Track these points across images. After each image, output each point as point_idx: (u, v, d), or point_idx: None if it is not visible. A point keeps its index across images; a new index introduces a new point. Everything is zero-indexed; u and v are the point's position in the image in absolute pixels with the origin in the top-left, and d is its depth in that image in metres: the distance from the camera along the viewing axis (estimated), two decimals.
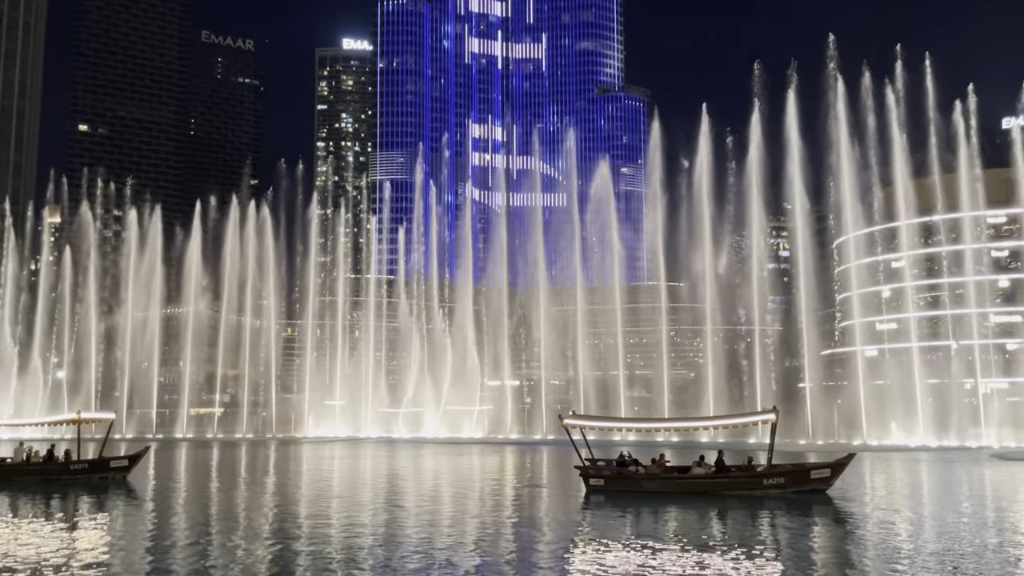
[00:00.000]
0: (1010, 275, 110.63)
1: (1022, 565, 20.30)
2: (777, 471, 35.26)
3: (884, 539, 24.37)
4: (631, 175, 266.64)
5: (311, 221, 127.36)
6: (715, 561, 20.71)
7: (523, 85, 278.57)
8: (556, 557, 21.90)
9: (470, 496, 37.05)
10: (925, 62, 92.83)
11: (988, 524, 27.40)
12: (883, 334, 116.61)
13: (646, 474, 36.49)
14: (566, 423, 37.64)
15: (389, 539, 24.57)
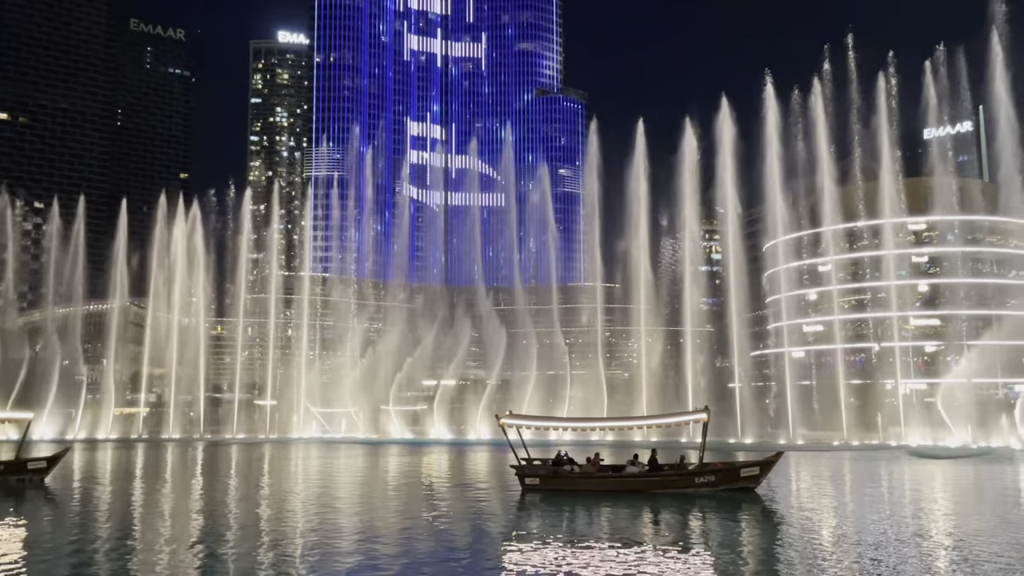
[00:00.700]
0: (929, 280, 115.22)
1: (936, 557, 21.12)
2: (708, 470, 35.94)
3: (809, 534, 25.05)
4: (569, 177, 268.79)
5: (243, 217, 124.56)
6: (647, 558, 20.97)
7: (462, 84, 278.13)
8: (490, 556, 21.86)
9: (404, 496, 36.74)
10: (851, 70, 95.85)
11: (906, 518, 28.44)
12: (809, 336, 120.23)
13: (581, 473, 36.76)
14: (502, 422, 37.65)
15: (318, 541, 24.14)
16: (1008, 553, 21.40)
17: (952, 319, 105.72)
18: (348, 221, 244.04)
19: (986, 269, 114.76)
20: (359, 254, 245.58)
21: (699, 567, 20.24)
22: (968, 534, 25.00)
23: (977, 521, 28.02)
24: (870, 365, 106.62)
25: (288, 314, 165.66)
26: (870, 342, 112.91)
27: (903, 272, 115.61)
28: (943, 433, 76.73)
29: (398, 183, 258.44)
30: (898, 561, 20.47)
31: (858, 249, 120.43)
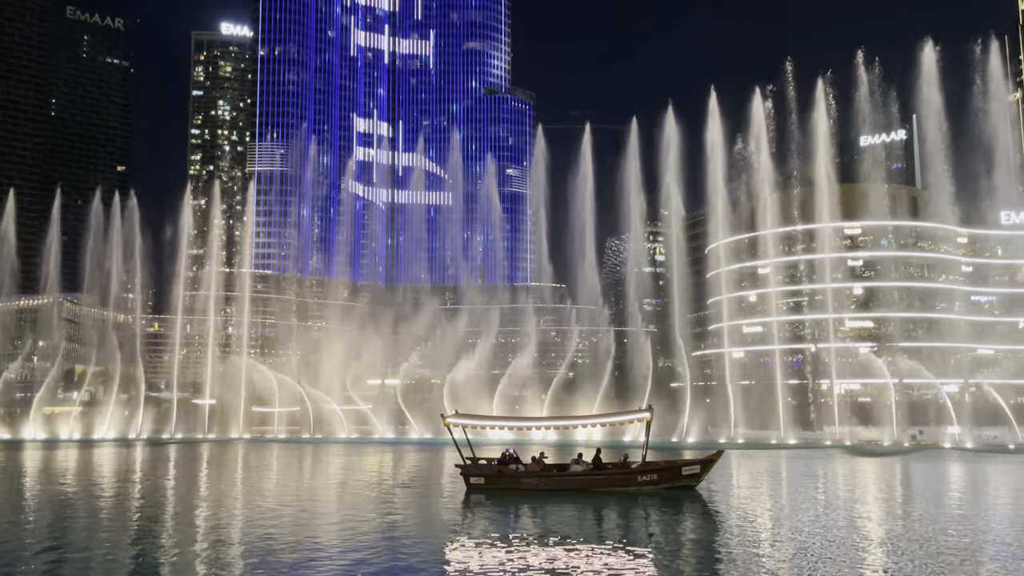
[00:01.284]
0: (863, 283, 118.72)
1: (866, 549, 21.87)
2: (651, 468, 36.45)
3: (747, 530, 25.66)
4: (516, 177, 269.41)
5: (183, 212, 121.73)
6: (591, 556, 21.22)
7: (409, 81, 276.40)
8: (434, 556, 21.86)
9: (346, 496, 36.43)
10: (788, 80, 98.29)
11: (839, 512, 29.34)
12: (749, 336, 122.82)
13: (526, 472, 36.93)
14: (448, 421, 37.60)
15: (257, 543, 23.81)
16: (930, 545, 22.26)
17: (884, 321, 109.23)
18: (292, 218, 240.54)
19: (917, 273, 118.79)
20: (303, 251, 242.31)
21: (641, 564, 20.56)
22: (895, 527, 25.91)
23: (904, 514, 29.05)
24: (807, 365, 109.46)
25: (229, 312, 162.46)
26: (807, 343, 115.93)
27: (838, 275, 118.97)
28: (875, 431, 79.26)
29: (343, 180, 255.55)
30: (829, 554, 21.14)
31: (796, 252, 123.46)
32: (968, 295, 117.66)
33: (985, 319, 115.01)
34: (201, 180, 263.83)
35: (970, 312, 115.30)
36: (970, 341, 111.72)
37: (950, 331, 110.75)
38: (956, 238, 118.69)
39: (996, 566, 19.98)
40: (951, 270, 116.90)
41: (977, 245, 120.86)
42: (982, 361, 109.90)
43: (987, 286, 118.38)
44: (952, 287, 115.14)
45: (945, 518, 28.25)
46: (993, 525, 27.30)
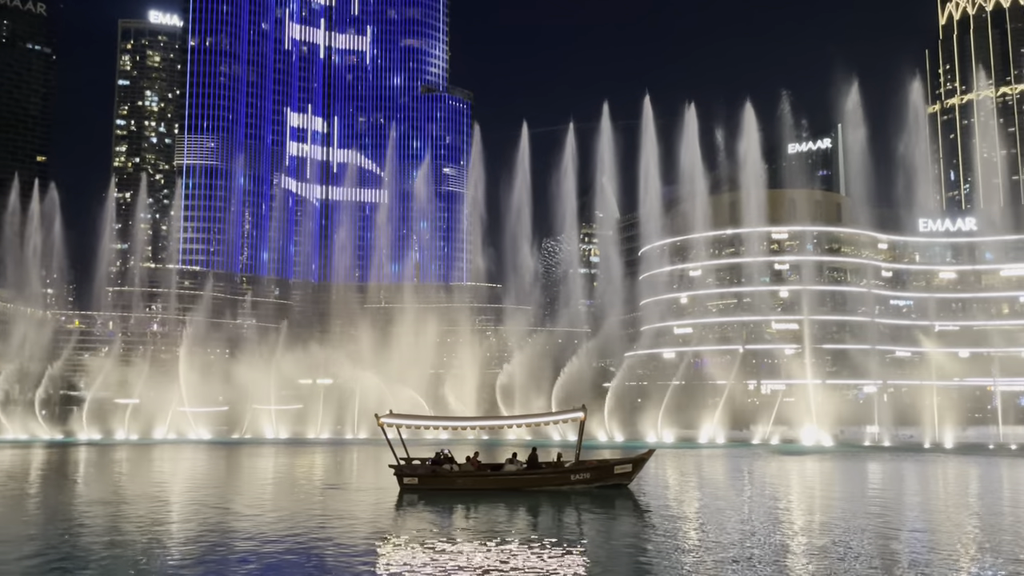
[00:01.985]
0: (789, 287, 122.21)
1: (790, 544, 22.58)
2: (583, 467, 36.86)
3: (676, 527, 26.19)
4: (454, 176, 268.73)
5: (107, 205, 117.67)
6: (523, 554, 21.35)
7: (346, 77, 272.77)
8: (365, 557, 21.67)
9: (275, 498, 35.79)
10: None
11: (763, 509, 30.21)
12: (680, 337, 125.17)
13: (460, 472, 36.90)
14: (381, 421, 37.30)
15: (184, 545, 23.22)
16: (848, 540, 23.12)
17: (809, 324, 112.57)
18: (221, 213, 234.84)
19: (840, 277, 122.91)
20: (233, 248, 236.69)
21: (573, 562, 20.79)
22: (816, 523, 26.82)
23: (825, 511, 30.09)
24: (735, 366, 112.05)
25: (154, 308, 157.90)
26: (735, 344, 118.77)
27: (766, 279, 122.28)
28: (800, 430, 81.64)
29: (276, 175, 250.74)
30: (755, 550, 21.74)
31: (727, 256, 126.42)
32: (887, 299, 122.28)
33: (903, 322, 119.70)
34: (126, 173, 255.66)
35: (889, 316, 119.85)
36: (889, 344, 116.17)
37: (870, 334, 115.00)
38: (877, 244, 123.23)
39: (912, 558, 20.86)
40: (872, 275, 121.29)
41: (896, 251, 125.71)
42: (900, 363, 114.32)
43: (905, 291, 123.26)
44: (872, 291, 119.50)
45: (863, 514, 29.35)
46: (907, 520, 28.48)
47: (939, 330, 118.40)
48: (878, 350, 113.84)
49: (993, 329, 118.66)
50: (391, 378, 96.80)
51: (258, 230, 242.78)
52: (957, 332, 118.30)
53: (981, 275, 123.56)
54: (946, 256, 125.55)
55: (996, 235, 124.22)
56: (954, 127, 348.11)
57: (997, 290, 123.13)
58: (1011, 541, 23.56)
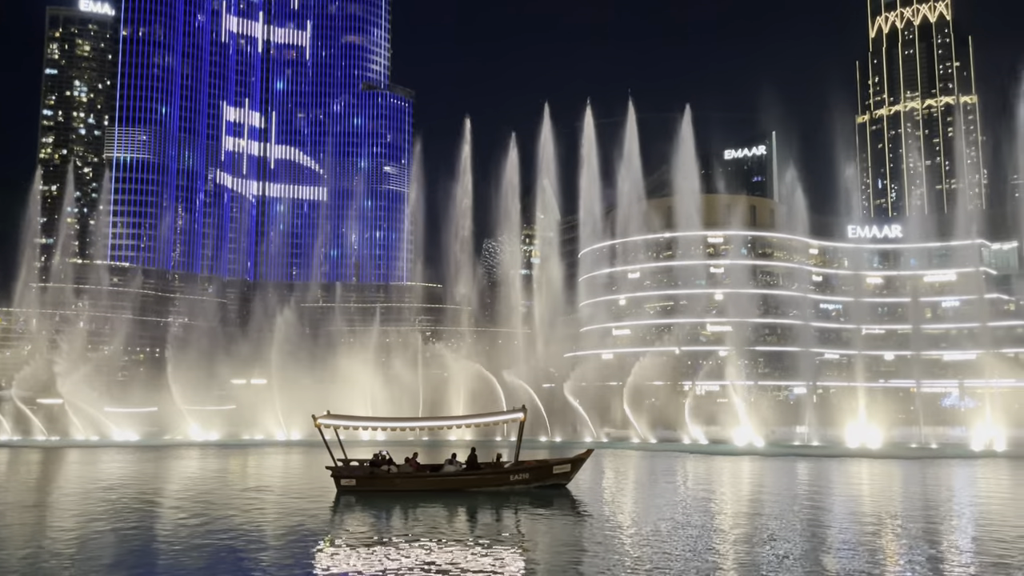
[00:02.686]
0: (724, 290, 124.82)
1: (720, 541, 23.08)
2: (523, 467, 37.01)
3: (613, 526, 26.51)
4: (395, 175, 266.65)
5: (32, 198, 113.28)
6: (462, 555, 21.33)
7: (284, 72, 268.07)
8: (301, 560, 21.35)
9: (205, 501, 34.94)
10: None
11: (695, 508, 30.81)
12: (618, 339, 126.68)
13: (399, 473, 36.65)
14: (319, 422, 36.80)
15: (107, 551, 22.52)
16: (773, 536, 23.76)
17: (742, 326, 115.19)
18: (153, 208, 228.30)
19: (773, 281, 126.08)
20: (164, 244, 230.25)
21: (511, 562, 20.85)
22: (744, 521, 27.49)
23: (753, 510, 30.86)
24: (670, 367, 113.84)
25: (80, 306, 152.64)
26: (671, 346, 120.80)
27: (702, 282, 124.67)
28: (733, 431, 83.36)
29: (211, 170, 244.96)
30: (688, 546, 22.17)
31: (664, 259, 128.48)
32: (817, 303, 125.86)
33: (832, 326, 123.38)
34: (53, 165, 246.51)
35: (818, 319, 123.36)
36: (818, 346, 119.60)
37: (801, 336, 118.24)
38: (808, 249, 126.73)
39: (833, 554, 21.54)
40: (803, 279, 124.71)
41: (826, 256, 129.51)
42: (828, 365, 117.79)
43: (834, 295, 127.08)
44: (803, 295, 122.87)
45: (790, 513, 30.19)
46: (828, 517, 29.39)
47: (866, 333, 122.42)
48: (808, 352, 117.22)
49: (916, 333, 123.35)
50: (327, 379, 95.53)
51: (191, 226, 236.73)
52: (883, 335, 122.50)
53: (906, 280, 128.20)
54: (873, 262, 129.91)
55: (920, 242, 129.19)
56: (882, 137, 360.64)
57: (921, 295, 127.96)
58: (912, 540, 24.52)
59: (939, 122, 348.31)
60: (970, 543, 23.95)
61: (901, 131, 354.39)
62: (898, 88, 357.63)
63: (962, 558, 21.43)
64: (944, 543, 23.72)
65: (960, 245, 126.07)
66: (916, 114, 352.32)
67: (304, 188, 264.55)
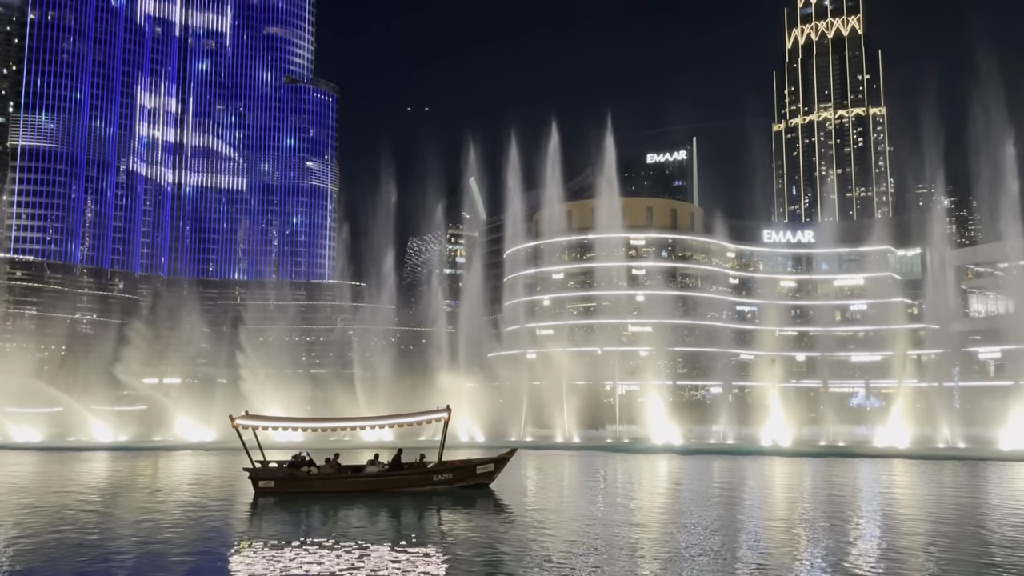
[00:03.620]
0: (645, 291, 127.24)
1: (639, 537, 23.51)
2: (446, 467, 36.88)
3: (536, 526, 26.66)
4: (318, 170, 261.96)
5: None
6: (382, 556, 21.11)
7: (204, 61, 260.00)
8: (215, 563, 20.75)
9: (116, 505, 33.60)
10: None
11: (617, 506, 31.30)
12: (541, 339, 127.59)
13: (319, 474, 36.03)
14: (236, 423, 35.86)
15: (12, 559, 21.43)
16: (688, 531, 24.35)
17: (662, 327, 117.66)
18: (61, 199, 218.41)
19: (692, 284, 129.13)
20: (73, 237, 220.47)
21: (433, 562, 20.74)
22: (662, 517, 28.09)
23: (666, 506, 31.56)
24: (593, 367, 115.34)
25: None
26: (594, 346, 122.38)
27: (623, 283, 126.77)
28: (652, 430, 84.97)
29: (123, 161, 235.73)
30: (611, 545, 22.49)
31: (587, 260, 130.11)
32: (734, 305, 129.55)
33: (747, 327, 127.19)
34: None
35: (735, 321, 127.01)
36: (734, 347, 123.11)
37: (719, 338, 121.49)
38: (726, 253, 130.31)
39: (742, 549, 22.18)
40: (720, 281, 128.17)
41: (743, 260, 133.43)
42: (744, 365, 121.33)
43: (750, 297, 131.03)
44: (722, 297, 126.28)
45: (704, 509, 30.98)
46: (737, 514, 30.29)
47: (779, 335, 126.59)
48: (725, 353, 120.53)
49: (827, 334, 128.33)
50: (245, 379, 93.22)
51: (102, 219, 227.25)
52: (795, 337, 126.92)
53: (817, 284, 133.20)
54: (787, 265, 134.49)
55: (831, 247, 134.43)
56: (797, 145, 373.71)
57: (831, 298, 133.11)
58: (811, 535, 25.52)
59: (850, 132, 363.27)
60: (866, 536, 25.03)
61: (815, 140, 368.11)
62: (812, 98, 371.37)
63: (857, 549, 22.38)
64: (843, 536, 24.71)
65: (868, 251, 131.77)
66: (829, 124, 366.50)
67: (222, 178, 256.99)
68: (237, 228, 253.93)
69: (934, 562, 20.71)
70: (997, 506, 32.43)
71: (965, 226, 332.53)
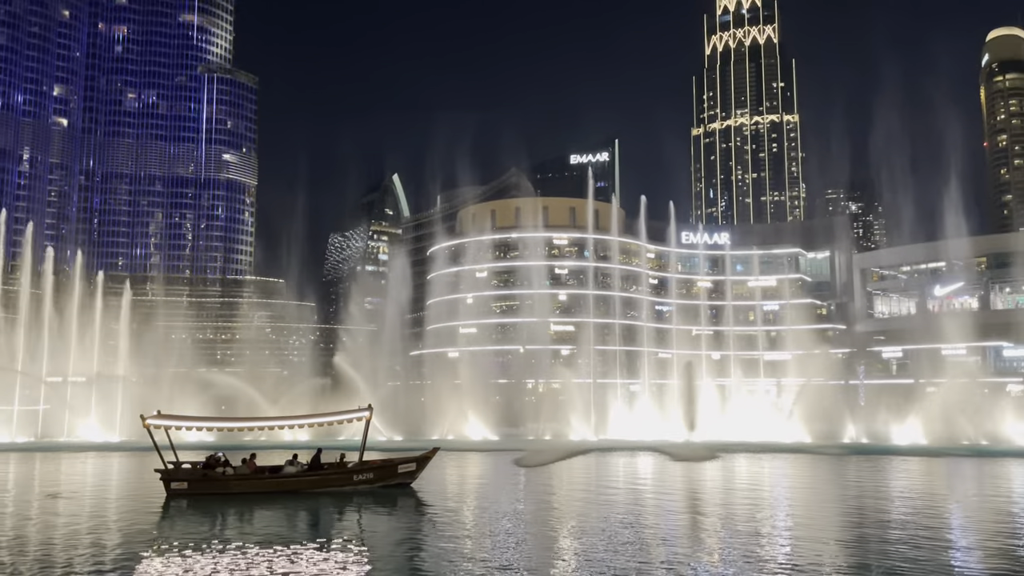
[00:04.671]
0: (568, 290, 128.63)
1: (555, 535, 23.79)
2: (367, 467, 36.48)
3: (456, 525, 26.66)
4: (235, 163, 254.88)
5: None
6: (299, 558, 20.74)
7: (116, 46, 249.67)
8: (123, 569, 20.00)
9: (16, 510, 32.01)
10: None
11: (535, 504, 31.58)
12: (464, 337, 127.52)
13: (235, 475, 35.12)
14: (147, 423, 34.61)
15: None
16: (601, 527, 24.80)
17: (584, 326, 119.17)
18: None
19: (614, 283, 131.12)
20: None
21: (352, 563, 20.50)
22: (574, 514, 28.50)
23: (582, 503, 32.05)
24: (516, 365, 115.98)
25: None
26: (516, 344, 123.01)
27: (547, 282, 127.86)
28: (572, 427, 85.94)
29: (27, 150, 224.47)
30: (530, 543, 22.67)
31: (511, 259, 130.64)
32: (653, 304, 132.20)
33: (665, 326, 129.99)
34: None
35: (654, 320, 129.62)
36: (653, 346, 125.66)
37: (638, 336, 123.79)
38: (646, 253, 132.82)
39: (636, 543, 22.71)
40: (641, 282, 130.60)
41: (662, 260, 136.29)
42: (663, 363, 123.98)
43: (668, 297, 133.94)
44: (641, 297, 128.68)
45: (618, 505, 31.57)
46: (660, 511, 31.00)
47: (695, 334, 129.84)
48: (644, 351, 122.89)
49: (741, 334, 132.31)
50: (158, 378, 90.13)
51: (7, 209, 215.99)
52: (711, 336, 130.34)
53: (732, 284, 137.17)
54: (704, 267, 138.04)
55: (745, 249, 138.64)
56: (715, 149, 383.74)
57: (745, 299, 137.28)
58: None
59: (765, 138, 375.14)
60: (754, 527, 25.99)
61: (731, 144, 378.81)
62: (730, 104, 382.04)
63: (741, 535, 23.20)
64: (751, 528, 25.56)
65: (780, 253, 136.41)
66: (745, 129, 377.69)
67: (134, 169, 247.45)
68: (150, 221, 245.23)
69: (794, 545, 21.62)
70: (891, 497, 34.10)
71: (871, 230, 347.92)
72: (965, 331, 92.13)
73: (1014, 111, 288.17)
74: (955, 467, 48.58)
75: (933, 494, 36.50)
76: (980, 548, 22.99)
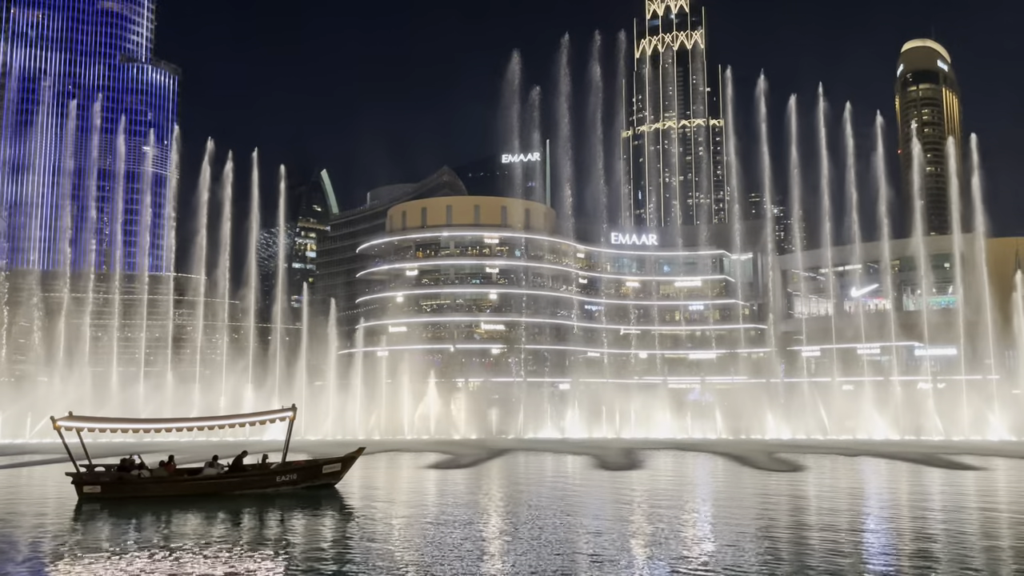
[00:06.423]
0: (498, 289, 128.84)
1: (487, 533, 23.78)
2: (290, 468, 35.79)
3: (381, 526, 26.38)
4: (156, 156, 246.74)
5: None
6: (217, 562, 20.18)
7: (30, 31, 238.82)
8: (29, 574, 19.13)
9: None
10: None
11: (462, 503, 31.51)
12: (394, 336, 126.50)
13: (152, 478, 33.98)
14: (59, 425, 33.17)
15: None
16: (531, 523, 24.93)
17: (515, 325, 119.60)
18: None
19: (544, 283, 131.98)
20: None
21: (272, 566, 20.04)
22: (501, 513, 28.58)
23: (510, 501, 32.16)
24: (446, 364, 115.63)
25: None
26: (447, 343, 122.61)
27: (477, 281, 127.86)
28: (504, 425, 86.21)
29: None
30: (458, 544, 22.59)
31: (442, 257, 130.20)
32: (583, 304, 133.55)
33: (595, 326, 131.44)
34: None
35: (584, 320, 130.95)
36: (583, 345, 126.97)
37: (568, 336, 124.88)
38: (576, 253, 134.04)
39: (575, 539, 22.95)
40: (571, 281, 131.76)
41: (592, 261, 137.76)
42: (591, 363, 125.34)
43: (597, 297, 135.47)
44: (571, 296, 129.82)
45: (545, 503, 31.79)
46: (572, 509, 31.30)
47: (623, 333, 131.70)
48: (574, 350, 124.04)
49: (668, 333, 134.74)
50: (70, 379, 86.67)
51: None
52: (639, 335, 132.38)
53: (660, 285, 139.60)
54: (632, 267, 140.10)
55: (672, 250, 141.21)
56: (643, 151, 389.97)
57: (672, 299, 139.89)
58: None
59: (692, 141, 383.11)
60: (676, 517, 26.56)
61: (659, 147, 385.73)
62: (658, 107, 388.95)
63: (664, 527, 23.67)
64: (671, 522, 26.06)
65: (705, 254, 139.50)
66: (673, 132, 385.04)
67: (47, 160, 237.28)
68: (63, 215, 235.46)
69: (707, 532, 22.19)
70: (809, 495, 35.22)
71: (791, 233, 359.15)
72: (879, 331, 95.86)
73: (927, 120, 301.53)
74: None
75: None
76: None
